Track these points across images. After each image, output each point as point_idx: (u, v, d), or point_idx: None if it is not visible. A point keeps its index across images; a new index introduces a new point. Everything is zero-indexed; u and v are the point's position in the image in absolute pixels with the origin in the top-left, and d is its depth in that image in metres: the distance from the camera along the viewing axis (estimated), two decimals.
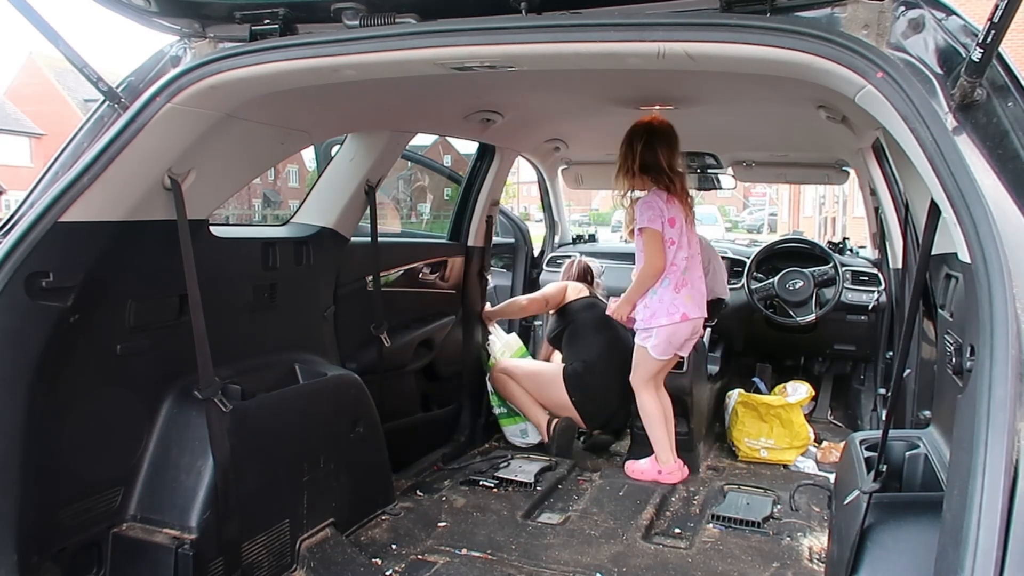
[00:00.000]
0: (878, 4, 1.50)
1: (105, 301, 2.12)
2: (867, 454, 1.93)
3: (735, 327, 4.89)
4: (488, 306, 4.40)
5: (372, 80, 1.99)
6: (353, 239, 3.25)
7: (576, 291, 4.26)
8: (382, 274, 3.50)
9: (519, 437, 4.18)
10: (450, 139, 5.54)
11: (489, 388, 4.25)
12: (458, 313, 4.14)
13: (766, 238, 6.32)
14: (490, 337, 4.38)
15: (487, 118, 3.34)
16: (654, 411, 3.54)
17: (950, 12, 1.47)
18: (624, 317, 3.54)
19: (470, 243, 4.19)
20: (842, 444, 2.65)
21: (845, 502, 1.84)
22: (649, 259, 3.36)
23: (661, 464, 3.55)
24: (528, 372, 4.12)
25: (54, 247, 1.91)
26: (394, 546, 2.84)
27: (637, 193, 3.48)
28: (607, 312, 3.69)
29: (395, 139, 3.23)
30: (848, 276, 4.53)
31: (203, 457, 2.28)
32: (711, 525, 3.07)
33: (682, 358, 3.70)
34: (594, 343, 4.00)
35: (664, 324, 3.40)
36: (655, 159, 3.35)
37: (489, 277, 4.41)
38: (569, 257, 4.81)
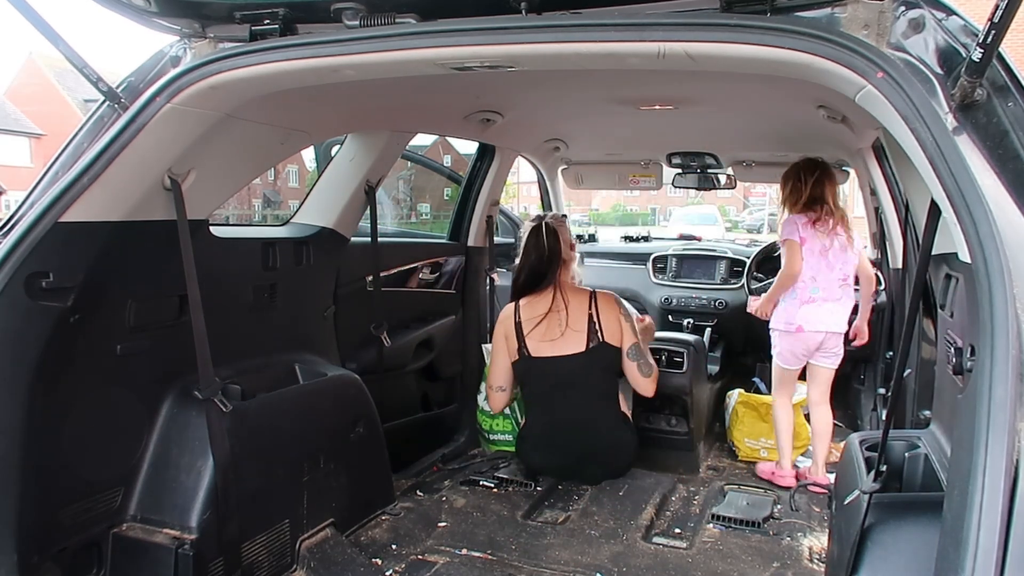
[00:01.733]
0: (878, 4, 1.50)
1: (105, 301, 2.12)
2: (867, 454, 1.93)
3: (735, 327, 4.90)
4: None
5: (372, 80, 1.99)
6: (353, 239, 3.25)
7: None
8: (382, 274, 3.50)
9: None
10: (450, 139, 5.55)
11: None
12: (458, 313, 4.14)
13: (766, 238, 6.32)
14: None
15: (487, 118, 3.34)
16: (780, 419, 3.76)
17: (950, 12, 1.47)
18: (764, 313, 3.79)
19: (470, 243, 4.19)
20: (842, 444, 2.65)
21: (845, 502, 1.84)
22: (786, 264, 3.67)
23: (777, 467, 3.76)
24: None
25: (54, 247, 1.91)
26: (394, 546, 2.84)
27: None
28: (749, 309, 3.91)
29: (395, 139, 3.23)
30: None
31: (203, 457, 2.28)
32: (711, 525, 3.07)
33: (683, 359, 3.76)
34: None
35: (780, 330, 3.68)
36: (822, 194, 3.63)
37: (496, 277, 4.40)
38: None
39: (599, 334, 3.30)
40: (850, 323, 3.77)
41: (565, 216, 3.56)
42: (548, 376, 3.37)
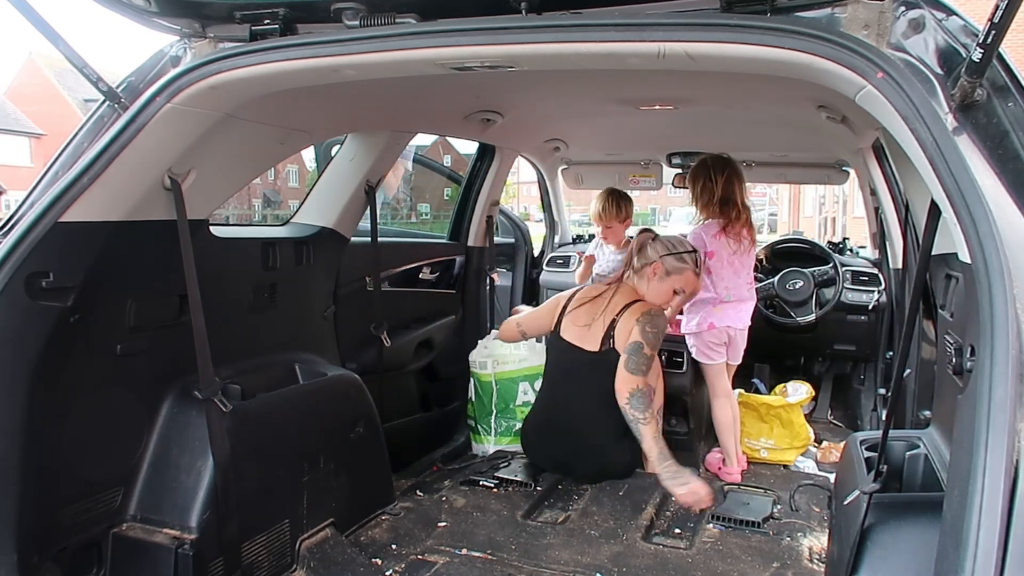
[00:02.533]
0: (878, 4, 1.50)
1: (105, 301, 2.12)
2: (867, 454, 1.93)
3: None
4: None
5: (372, 80, 1.99)
6: (353, 239, 3.25)
7: None
8: (382, 274, 3.50)
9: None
10: (450, 139, 5.54)
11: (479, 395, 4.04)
12: (458, 313, 4.14)
13: (766, 238, 6.30)
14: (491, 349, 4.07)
15: (487, 118, 3.34)
16: (722, 419, 3.76)
17: (950, 12, 1.47)
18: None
19: (470, 243, 4.19)
20: (842, 444, 2.65)
21: (845, 502, 1.84)
22: None
23: (724, 464, 3.79)
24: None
25: (54, 247, 1.91)
26: (394, 546, 2.84)
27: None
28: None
29: (395, 139, 3.23)
30: (848, 276, 4.53)
31: (203, 457, 2.28)
32: (711, 525, 3.07)
33: (683, 359, 3.77)
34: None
35: (692, 332, 3.74)
36: (732, 193, 3.66)
37: (496, 277, 4.40)
38: (570, 256, 4.82)
39: (612, 339, 3.27)
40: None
41: (656, 236, 3.52)
42: (563, 361, 3.41)
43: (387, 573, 2.65)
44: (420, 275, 4.10)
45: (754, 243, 3.80)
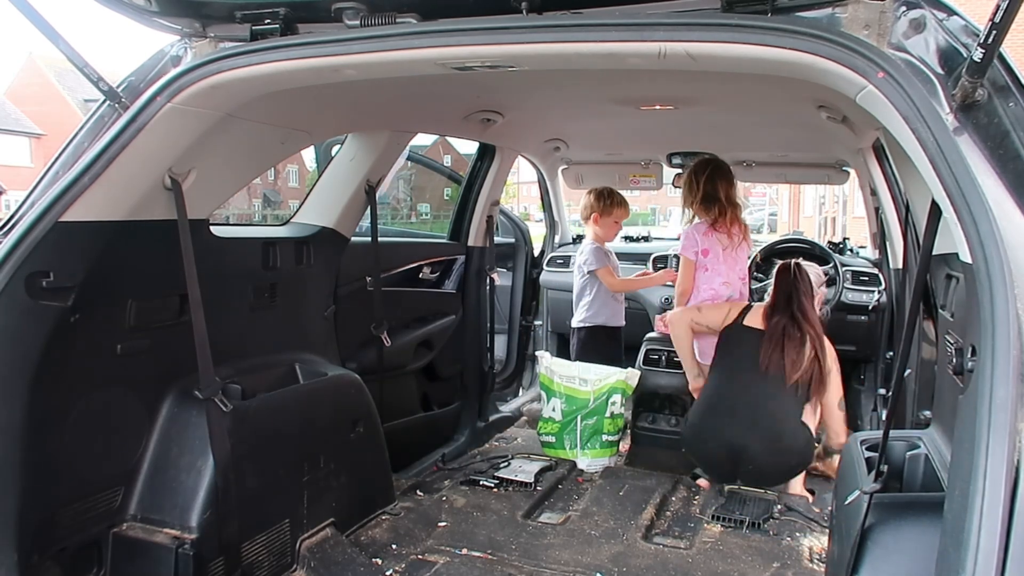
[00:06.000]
0: (879, 4, 1.50)
1: (105, 301, 2.12)
2: (868, 454, 1.93)
3: None
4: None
5: (372, 80, 1.99)
6: (353, 239, 3.25)
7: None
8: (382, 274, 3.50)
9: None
10: (450, 139, 5.54)
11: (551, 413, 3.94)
12: (458, 313, 4.14)
13: (766, 238, 6.31)
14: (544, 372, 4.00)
15: (487, 118, 3.33)
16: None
17: (951, 12, 1.47)
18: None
19: (470, 243, 4.19)
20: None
21: (846, 502, 1.83)
22: (680, 281, 3.88)
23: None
24: None
25: (55, 247, 1.91)
26: (394, 546, 2.83)
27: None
28: (658, 329, 4.10)
29: (395, 139, 3.22)
30: (848, 276, 4.53)
31: (203, 457, 2.28)
32: (711, 525, 3.07)
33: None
34: None
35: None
36: (715, 190, 3.76)
37: (496, 277, 4.40)
38: (570, 256, 4.82)
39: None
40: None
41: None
42: (743, 347, 3.41)
43: (387, 573, 2.65)
44: (420, 275, 4.10)
45: (747, 238, 3.86)
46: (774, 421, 3.30)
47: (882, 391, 3.96)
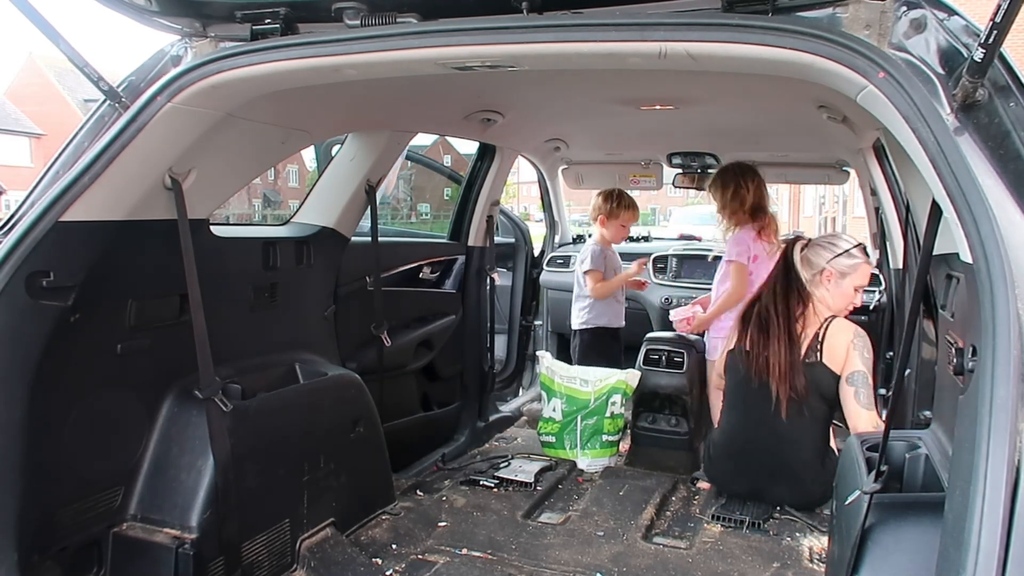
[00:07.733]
0: (880, 4, 1.50)
1: (106, 301, 2.12)
2: (868, 454, 1.92)
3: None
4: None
5: (373, 80, 1.99)
6: (353, 239, 3.25)
7: None
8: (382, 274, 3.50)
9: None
10: (450, 139, 5.54)
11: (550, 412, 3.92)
12: (458, 313, 4.14)
13: None
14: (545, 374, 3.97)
15: (488, 118, 3.33)
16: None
17: (952, 12, 1.47)
18: (698, 329, 3.92)
19: (470, 243, 4.19)
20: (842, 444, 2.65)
21: (846, 502, 1.83)
22: (735, 288, 3.79)
23: None
24: None
25: (55, 247, 1.91)
26: (394, 546, 2.83)
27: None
28: (678, 328, 3.98)
29: (395, 139, 3.22)
30: None
31: (203, 457, 2.28)
32: (711, 525, 3.07)
33: (683, 359, 3.81)
34: None
35: (722, 337, 3.67)
36: (762, 199, 3.79)
37: (496, 276, 4.40)
38: (571, 256, 4.82)
39: (819, 352, 2.97)
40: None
41: (809, 241, 3.22)
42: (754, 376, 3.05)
43: (387, 573, 2.65)
44: (420, 275, 4.10)
45: (779, 246, 3.80)
46: (793, 469, 3.05)
47: (882, 391, 3.96)
